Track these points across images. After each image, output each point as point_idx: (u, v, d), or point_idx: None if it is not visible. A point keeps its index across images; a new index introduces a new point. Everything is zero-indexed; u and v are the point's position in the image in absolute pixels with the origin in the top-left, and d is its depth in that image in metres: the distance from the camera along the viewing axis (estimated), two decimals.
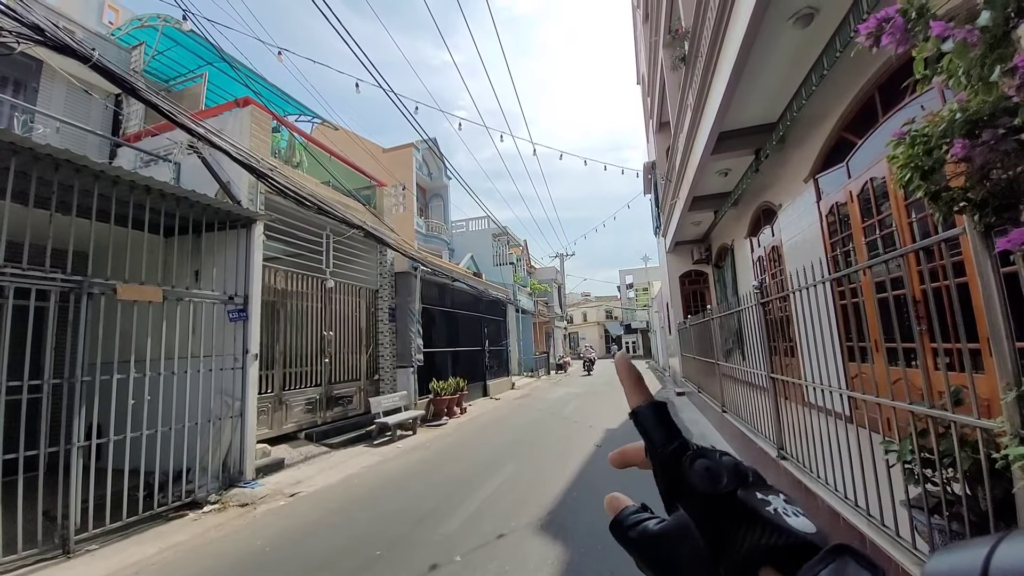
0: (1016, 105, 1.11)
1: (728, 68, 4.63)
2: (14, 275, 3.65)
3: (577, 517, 3.98)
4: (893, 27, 1.30)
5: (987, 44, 1.09)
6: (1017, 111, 1.12)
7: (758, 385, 4.96)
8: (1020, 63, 1.03)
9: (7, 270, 3.63)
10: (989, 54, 1.09)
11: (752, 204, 7.87)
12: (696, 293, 13.17)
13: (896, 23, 1.29)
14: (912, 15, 1.26)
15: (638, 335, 46.79)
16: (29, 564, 3.54)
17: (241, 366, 5.29)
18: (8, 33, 4.08)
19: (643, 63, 15.28)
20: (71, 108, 7.21)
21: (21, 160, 3.74)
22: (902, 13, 1.28)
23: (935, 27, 1.17)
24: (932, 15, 1.22)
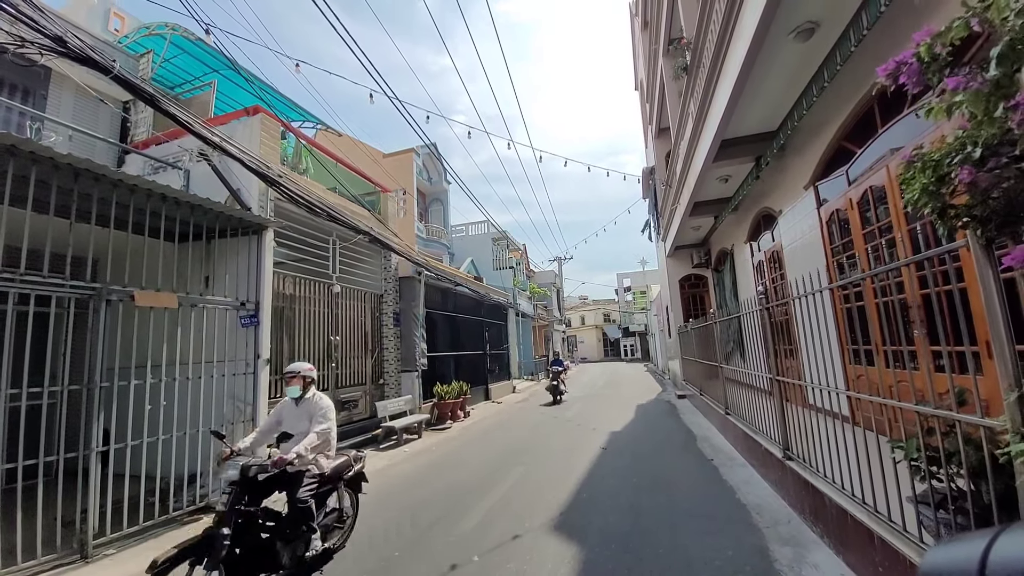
0: (1018, 136, 1.23)
1: (731, 79, 4.76)
2: (34, 283, 3.70)
3: (589, 518, 4.06)
4: (910, 70, 1.43)
5: (992, 84, 1.21)
6: (1017, 142, 1.24)
7: (760, 387, 5.07)
8: (1022, 100, 1.15)
9: (28, 278, 3.69)
10: (995, 92, 1.21)
11: (752, 210, 8.02)
12: (696, 296, 13.31)
13: (913, 67, 1.42)
14: (926, 59, 1.39)
15: (636, 338, 46.97)
16: (48, 569, 3.56)
17: (252, 371, 5.35)
18: (31, 45, 4.16)
19: (642, 70, 15.47)
20: (79, 115, 7.27)
21: (41, 169, 3.81)
22: (917, 58, 1.41)
23: (950, 82, 1.30)
24: (944, 62, 1.34)
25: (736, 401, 6.33)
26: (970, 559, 0.46)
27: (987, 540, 0.46)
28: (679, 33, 8.75)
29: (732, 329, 7.13)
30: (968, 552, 0.47)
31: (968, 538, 0.50)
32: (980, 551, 0.46)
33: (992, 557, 0.44)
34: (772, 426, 4.59)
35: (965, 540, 0.51)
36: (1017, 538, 0.45)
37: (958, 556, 0.49)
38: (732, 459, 5.74)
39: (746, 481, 4.84)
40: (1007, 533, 0.46)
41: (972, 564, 0.45)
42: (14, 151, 3.50)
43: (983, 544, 0.46)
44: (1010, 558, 0.43)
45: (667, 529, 3.77)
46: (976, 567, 0.45)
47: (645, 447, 6.86)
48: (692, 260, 12.44)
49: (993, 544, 0.45)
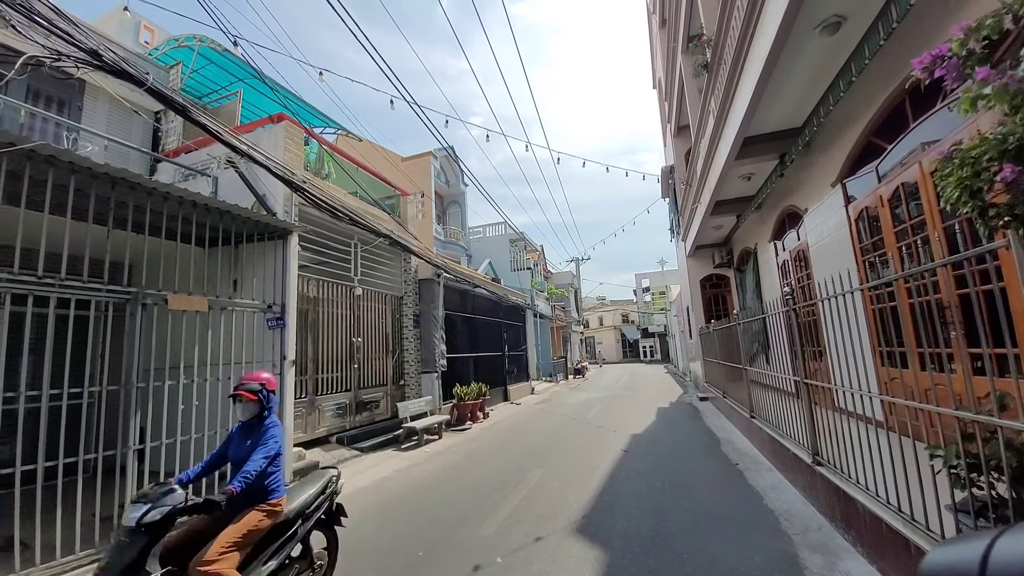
0: None
1: (754, 76, 4.68)
2: (74, 287, 3.87)
3: (612, 521, 4.03)
4: (949, 65, 1.39)
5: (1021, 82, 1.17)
6: None
7: (786, 390, 4.96)
8: None
9: (68, 283, 3.86)
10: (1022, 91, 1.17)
11: (776, 208, 7.85)
12: (717, 297, 13.08)
13: (952, 63, 1.38)
14: (963, 54, 1.35)
15: (655, 339, 46.39)
16: (86, 564, 3.67)
17: (279, 372, 5.48)
18: (67, 58, 4.36)
19: (660, 68, 15.30)
20: (113, 125, 7.56)
21: (80, 178, 3.98)
22: (954, 54, 1.37)
23: (980, 72, 1.26)
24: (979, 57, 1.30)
25: (761, 404, 6.20)
26: (971, 559, 0.45)
27: (988, 540, 0.45)
28: (698, 30, 8.62)
29: (756, 330, 6.99)
30: (969, 552, 0.47)
31: (969, 538, 0.50)
32: (981, 551, 0.45)
33: (993, 557, 0.44)
34: (800, 430, 4.48)
35: (966, 540, 0.51)
36: (1018, 538, 0.44)
37: (959, 556, 0.49)
38: (758, 463, 5.62)
39: (773, 486, 4.74)
40: (1008, 533, 0.45)
41: (973, 564, 0.45)
42: (53, 161, 3.66)
43: (984, 544, 0.46)
44: (1011, 558, 0.43)
45: (691, 533, 3.71)
46: (977, 567, 0.44)
47: (667, 450, 6.77)
48: (713, 260, 12.23)
49: (994, 544, 0.45)
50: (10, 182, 3.43)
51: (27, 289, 3.50)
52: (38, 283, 3.57)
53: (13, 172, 3.46)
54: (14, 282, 3.42)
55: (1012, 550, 0.44)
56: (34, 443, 3.50)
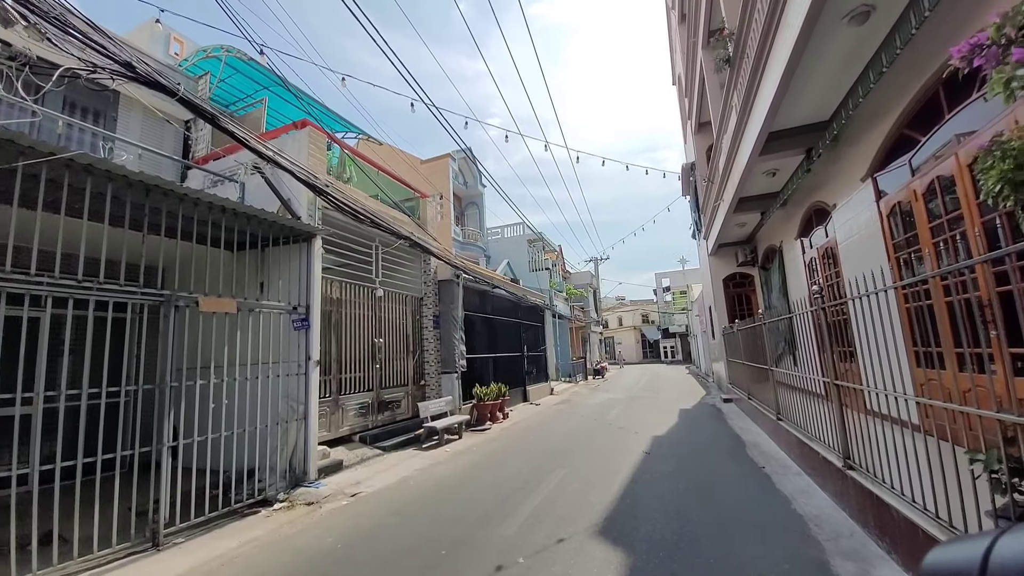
0: None
1: (778, 69, 4.56)
2: (111, 290, 4.04)
3: (635, 524, 3.99)
4: (989, 54, 1.34)
5: None
6: None
7: (815, 392, 4.82)
8: None
9: (106, 286, 4.03)
10: None
11: (803, 204, 7.64)
12: (741, 296, 12.80)
13: (991, 52, 1.33)
14: (1002, 42, 1.30)
15: (676, 339, 45.67)
16: (122, 557, 3.81)
17: (304, 372, 5.61)
18: (102, 70, 4.55)
19: (680, 64, 15.07)
20: (146, 134, 7.86)
21: (116, 186, 4.15)
22: (993, 42, 1.32)
23: (1016, 53, 1.21)
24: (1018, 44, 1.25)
25: (788, 406, 6.04)
26: (972, 558, 0.45)
27: (989, 540, 0.45)
28: (719, 24, 8.46)
29: (782, 330, 6.81)
30: (970, 551, 0.46)
31: (970, 538, 0.49)
32: (982, 551, 0.45)
33: (993, 558, 0.43)
34: (830, 433, 4.35)
35: (967, 540, 0.50)
36: (1019, 537, 0.44)
37: (960, 555, 0.48)
38: (786, 467, 5.48)
39: (802, 491, 4.61)
40: (1009, 533, 0.45)
41: (974, 564, 0.44)
42: (91, 170, 3.82)
43: (985, 544, 0.45)
44: (1011, 557, 0.42)
45: (717, 537, 3.64)
46: (977, 567, 0.44)
47: (690, 452, 6.66)
48: (737, 258, 11.97)
49: (995, 544, 0.44)
50: (50, 190, 3.61)
51: (68, 292, 3.67)
52: (78, 286, 3.74)
53: (53, 180, 3.63)
54: (55, 286, 3.59)
55: (1013, 549, 0.44)
56: (74, 440, 3.66)
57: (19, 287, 3.37)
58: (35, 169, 3.46)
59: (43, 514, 3.37)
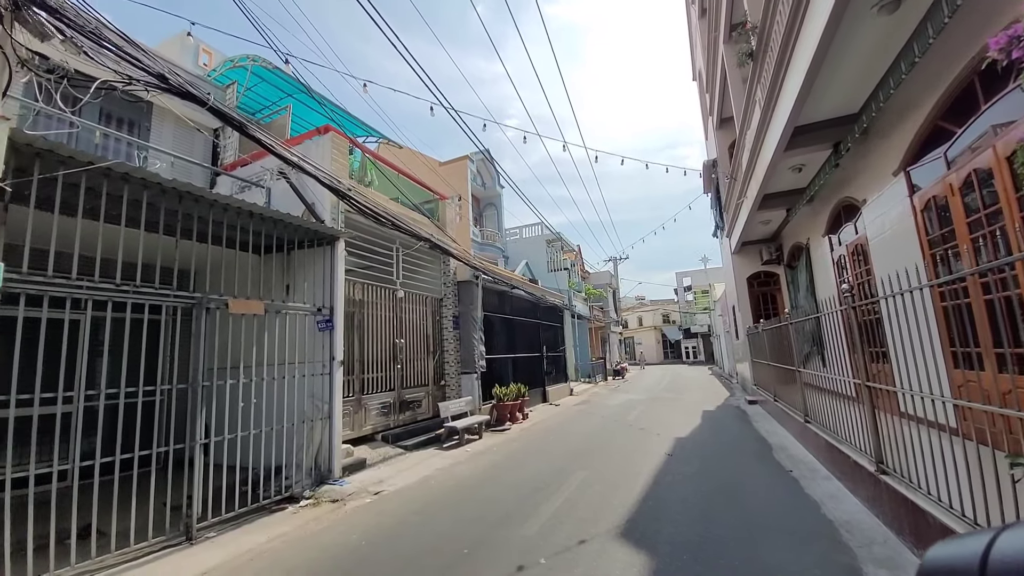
0: None
1: (804, 62, 4.45)
2: (147, 293, 4.20)
3: (657, 526, 3.94)
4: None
5: None
6: None
7: (845, 394, 4.68)
8: None
9: (142, 289, 4.20)
10: None
11: (831, 200, 7.42)
12: (766, 295, 12.50)
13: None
14: None
15: (698, 340, 44.86)
16: (158, 550, 3.96)
17: (328, 372, 5.73)
18: (137, 82, 4.74)
19: (700, 59, 14.82)
20: (178, 143, 8.16)
21: (151, 193, 4.32)
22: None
23: None
24: None
25: (817, 408, 5.87)
26: (971, 557, 0.45)
27: (989, 537, 0.45)
28: (742, 17, 8.29)
29: (810, 330, 6.63)
30: (970, 549, 0.46)
31: (970, 536, 0.49)
32: (982, 548, 0.44)
33: (993, 555, 0.43)
34: (862, 436, 4.21)
35: (967, 537, 0.49)
36: (1020, 534, 0.44)
37: (959, 553, 0.48)
38: (814, 471, 5.33)
39: (832, 495, 4.48)
40: (1009, 530, 0.45)
41: (974, 561, 0.44)
42: (128, 178, 3.99)
43: (985, 541, 0.45)
44: (1011, 554, 0.42)
45: (742, 541, 3.57)
46: (977, 565, 0.44)
47: (714, 454, 6.54)
48: (761, 256, 11.70)
49: (995, 541, 0.44)
50: (88, 198, 3.78)
51: (106, 296, 3.84)
52: (116, 290, 3.90)
53: (92, 189, 3.81)
54: (94, 289, 3.76)
55: (1013, 546, 0.43)
56: (112, 437, 3.82)
57: (61, 291, 3.54)
58: (75, 178, 3.63)
59: (83, 508, 3.54)
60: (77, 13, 4.02)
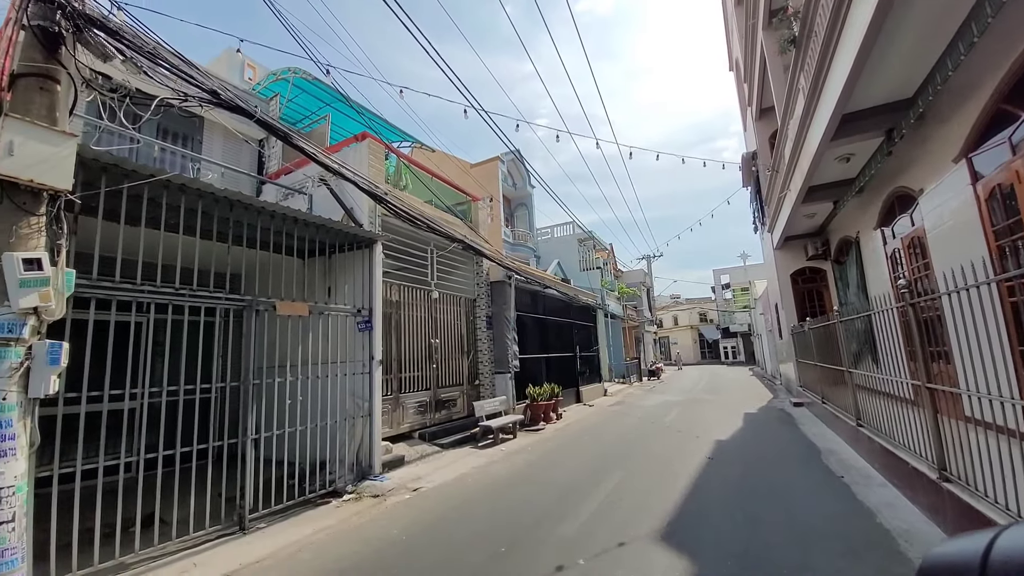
0: None
1: (853, 46, 4.23)
2: (202, 296, 4.46)
3: (700, 531, 3.84)
4: None
5: None
6: None
7: (902, 396, 4.41)
8: None
9: (198, 293, 4.46)
10: None
11: (883, 191, 7.00)
12: (812, 292, 11.93)
13: None
14: None
15: (738, 339, 43.31)
16: (214, 538, 4.20)
17: (368, 371, 5.91)
18: (192, 99, 5.04)
19: (737, 48, 14.32)
20: (227, 154, 8.62)
21: (205, 202, 4.59)
22: None
23: None
24: None
25: (871, 411, 5.56)
26: (972, 556, 0.44)
27: (990, 537, 0.45)
28: (783, 2, 7.97)
29: (861, 329, 6.28)
30: (971, 548, 0.46)
31: (971, 535, 0.48)
32: (983, 547, 0.44)
33: (994, 554, 0.43)
34: (922, 441, 3.96)
35: (968, 537, 0.49)
36: (1020, 535, 0.43)
37: (960, 552, 0.47)
38: (868, 477, 5.05)
39: (888, 503, 4.23)
40: (1011, 529, 0.44)
41: (974, 560, 0.44)
42: (185, 189, 4.25)
43: (986, 540, 0.44)
44: (1012, 555, 0.42)
45: (792, 548, 3.43)
46: (978, 564, 0.43)
47: (758, 458, 6.30)
48: (806, 252, 11.17)
49: (996, 540, 0.44)
50: (149, 208, 4.06)
51: (167, 299, 4.10)
52: (175, 294, 4.17)
53: (152, 199, 4.08)
54: (155, 293, 4.02)
55: (1014, 546, 0.43)
56: (172, 432, 4.08)
57: (126, 295, 3.81)
58: (138, 190, 3.90)
59: (145, 498, 3.80)
60: (135, 35, 4.31)
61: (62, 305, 3.08)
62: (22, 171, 2.93)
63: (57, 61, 3.39)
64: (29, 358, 2.90)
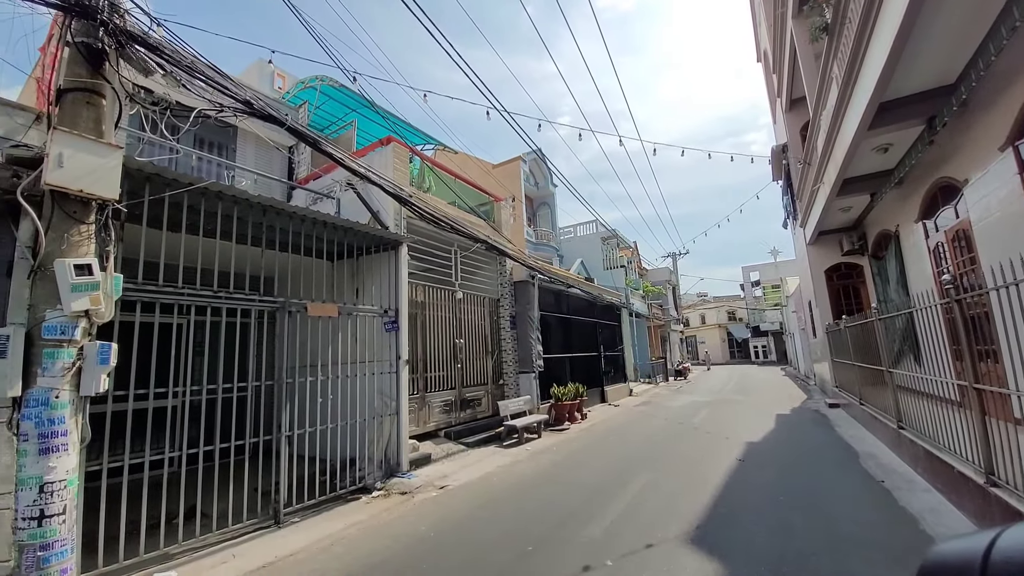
0: None
1: (890, 31, 4.05)
2: (238, 299, 4.64)
3: (731, 535, 3.76)
4: None
5: None
6: None
7: (947, 397, 4.20)
8: None
9: (234, 295, 4.65)
10: None
11: (924, 181, 6.68)
12: (848, 289, 11.47)
13: None
14: None
15: (769, 338, 42.03)
16: (251, 531, 4.36)
17: (395, 370, 6.02)
18: (227, 109, 5.25)
19: (765, 38, 13.90)
20: (259, 161, 8.93)
21: (240, 208, 4.77)
22: None
23: None
24: None
25: (913, 413, 5.31)
26: (973, 556, 0.44)
27: (992, 536, 0.44)
28: None
29: (901, 327, 6.01)
30: (971, 548, 0.45)
31: (972, 535, 0.48)
32: (983, 547, 0.44)
33: (995, 554, 0.42)
34: (968, 444, 3.77)
35: (969, 536, 0.48)
36: (1021, 534, 0.43)
37: (961, 552, 0.47)
38: (910, 482, 4.83)
39: (932, 509, 4.04)
40: (1012, 529, 0.44)
41: (975, 561, 0.43)
42: (222, 196, 4.43)
43: (987, 540, 0.44)
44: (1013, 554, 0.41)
45: (829, 555, 3.31)
46: (979, 564, 0.43)
47: (792, 461, 6.11)
48: (841, 247, 10.75)
49: (997, 539, 0.44)
50: (189, 215, 4.25)
51: (206, 301, 4.29)
52: (213, 296, 4.35)
53: (191, 207, 4.27)
54: (195, 296, 4.21)
55: (1015, 545, 0.42)
56: (211, 428, 4.26)
57: (169, 298, 4.00)
58: (178, 198, 4.09)
59: (189, 491, 3.97)
60: (174, 49, 4.51)
61: (111, 308, 3.26)
62: (72, 182, 3.10)
63: (102, 76, 3.57)
64: (81, 358, 3.08)
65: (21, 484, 2.81)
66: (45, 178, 3.00)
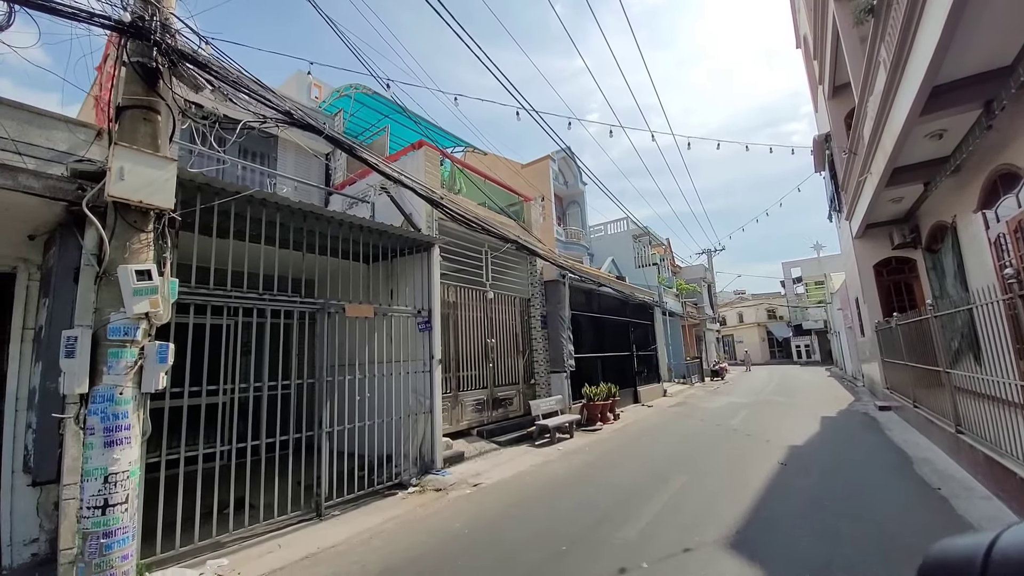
0: None
1: (942, 10, 3.82)
2: (282, 301, 4.86)
3: (772, 540, 3.64)
4: None
5: None
6: None
7: (1011, 400, 3.91)
8: None
9: (278, 297, 4.87)
10: None
11: (983, 169, 6.23)
12: (899, 285, 10.83)
13: None
14: None
15: (812, 337, 40.16)
16: (295, 523, 4.56)
17: (428, 369, 6.15)
18: (270, 120, 5.50)
19: (805, 23, 13.31)
20: (298, 169, 9.30)
21: (282, 214, 4.99)
22: None
23: None
24: None
25: (972, 416, 4.98)
26: (973, 555, 0.44)
27: (991, 536, 0.44)
28: None
29: (960, 324, 5.63)
30: (971, 548, 0.45)
31: (972, 535, 0.47)
32: (984, 547, 0.43)
33: (995, 554, 0.42)
34: None
35: (969, 536, 0.47)
36: (1022, 534, 0.42)
37: (961, 551, 0.47)
38: (969, 489, 4.53)
39: (992, 517, 3.78)
40: (1012, 529, 0.44)
41: (975, 561, 0.43)
42: (266, 203, 4.65)
43: (987, 540, 0.44)
44: (1013, 554, 0.41)
45: (879, 565, 3.16)
46: (979, 564, 0.42)
47: (839, 466, 5.83)
48: (892, 240, 10.16)
49: (998, 539, 0.43)
50: (235, 222, 4.48)
51: (252, 304, 4.51)
52: (258, 299, 4.57)
53: (239, 214, 4.50)
54: (242, 298, 4.44)
55: (1015, 545, 0.42)
56: (257, 424, 4.49)
57: (219, 300, 4.24)
58: (227, 206, 4.32)
59: (238, 483, 4.19)
60: (221, 66, 4.77)
61: (168, 310, 3.49)
62: (132, 193, 3.34)
63: (156, 93, 3.82)
64: (142, 357, 3.31)
65: (87, 475, 3.03)
66: (108, 190, 3.24)
